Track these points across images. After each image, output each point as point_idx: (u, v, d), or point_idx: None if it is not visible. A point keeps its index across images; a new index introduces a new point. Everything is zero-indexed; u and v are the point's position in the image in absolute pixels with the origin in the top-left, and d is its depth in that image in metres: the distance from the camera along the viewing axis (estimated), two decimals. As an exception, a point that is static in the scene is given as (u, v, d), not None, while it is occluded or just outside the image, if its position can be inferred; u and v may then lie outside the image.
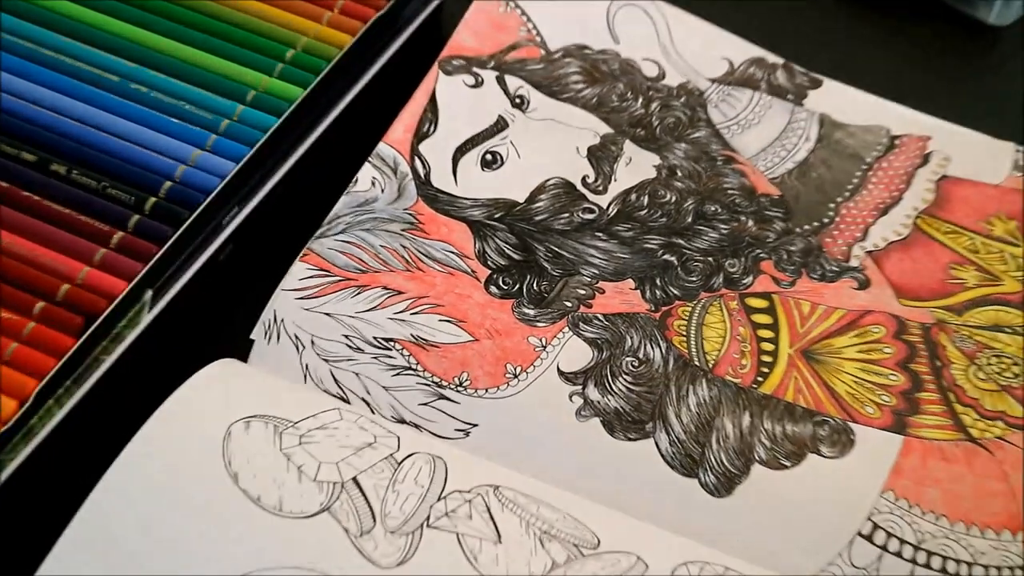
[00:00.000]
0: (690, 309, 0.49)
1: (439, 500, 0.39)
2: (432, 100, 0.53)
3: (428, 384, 0.46)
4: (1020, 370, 0.47)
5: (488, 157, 0.52)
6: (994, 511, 0.43)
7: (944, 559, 0.42)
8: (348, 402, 0.45)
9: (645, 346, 0.47)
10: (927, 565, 0.42)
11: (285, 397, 0.42)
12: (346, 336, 0.47)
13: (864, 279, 0.50)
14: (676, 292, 0.49)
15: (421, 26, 0.55)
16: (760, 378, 0.47)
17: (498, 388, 0.46)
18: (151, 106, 0.51)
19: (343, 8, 0.55)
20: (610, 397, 0.46)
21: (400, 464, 0.40)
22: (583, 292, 0.49)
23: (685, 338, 0.48)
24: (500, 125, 0.53)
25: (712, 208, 0.52)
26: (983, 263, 0.50)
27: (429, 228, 0.50)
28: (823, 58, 0.57)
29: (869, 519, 0.43)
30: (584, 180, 0.52)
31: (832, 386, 0.47)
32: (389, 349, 0.47)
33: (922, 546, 0.43)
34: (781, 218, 0.52)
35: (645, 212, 0.51)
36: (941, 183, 0.53)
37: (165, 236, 0.46)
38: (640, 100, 0.55)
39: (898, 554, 0.43)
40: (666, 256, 0.50)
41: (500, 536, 0.38)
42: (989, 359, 0.47)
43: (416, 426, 0.45)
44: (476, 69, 0.55)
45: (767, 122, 0.55)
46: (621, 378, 0.46)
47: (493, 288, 0.49)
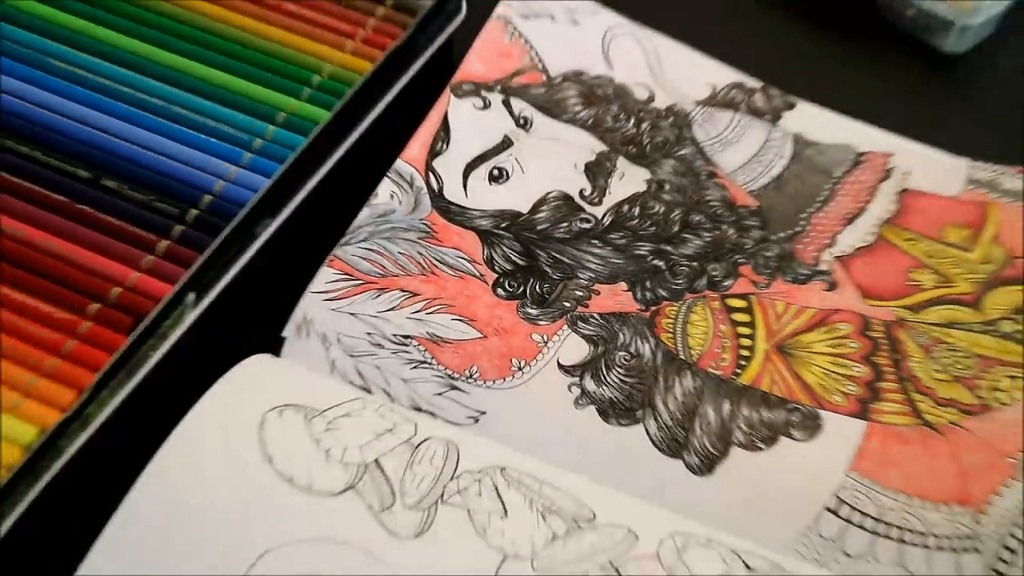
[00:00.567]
0: (676, 309, 0.49)
1: (452, 479, 0.40)
2: (445, 121, 0.54)
3: (442, 376, 0.46)
4: (970, 363, 0.48)
5: (495, 172, 0.53)
6: (946, 488, 0.44)
7: (902, 530, 0.43)
8: (370, 392, 0.46)
9: (636, 342, 0.48)
10: (887, 536, 0.43)
11: (314, 388, 0.43)
12: (368, 333, 0.47)
13: (832, 281, 0.50)
14: (664, 293, 0.50)
15: (434, 54, 0.55)
16: (739, 370, 0.47)
17: (504, 380, 0.47)
18: (192, 127, 0.51)
19: (364, 38, 0.55)
20: (605, 387, 0.47)
21: (417, 448, 0.41)
22: (580, 294, 0.49)
23: (672, 335, 0.48)
24: (506, 143, 0.54)
25: (696, 218, 0.52)
26: (939, 267, 0.51)
27: (442, 236, 0.50)
28: (797, 82, 0.57)
29: (835, 495, 0.44)
30: (581, 193, 0.52)
31: (803, 377, 0.47)
32: (407, 345, 0.47)
33: (882, 519, 0.43)
34: (758, 227, 0.52)
35: (636, 222, 0.52)
36: (902, 195, 0.53)
37: (205, 244, 0.47)
38: (632, 121, 0.55)
39: (861, 526, 0.43)
40: (655, 261, 0.51)
41: (506, 511, 0.39)
42: (943, 353, 0.48)
43: (431, 414, 0.45)
44: (484, 93, 0.55)
45: (746, 140, 0.55)
46: (614, 370, 0.47)
47: (500, 290, 0.49)
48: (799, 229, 0.52)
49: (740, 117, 0.56)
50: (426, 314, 0.48)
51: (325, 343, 0.47)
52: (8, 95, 0.52)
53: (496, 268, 0.50)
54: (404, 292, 0.48)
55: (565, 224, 0.51)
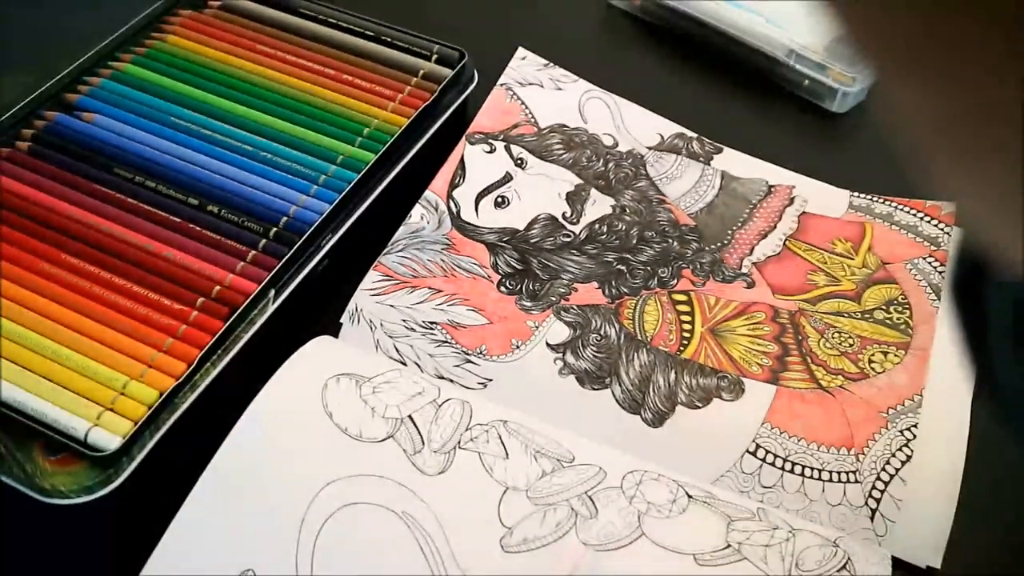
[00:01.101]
0: (635, 301, 0.49)
1: (467, 430, 0.39)
2: (461, 161, 0.54)
3: (459, 352, 0.46)
4: (853, 342, 0.47)
5: (499, 200, 0.52)
6: (836, 435, 0.44)
7: (803, 467, 0.43)
8: (405, 364, 0.45)
9: (605, 327, 0.48)
10: (791, 471, 0.43)
11: (363, 361, 0.43)
12: (403, 320, 0.47)
13: (751, 281, 0.50)
14: (625, 290, 0.49)
15: (454, 112, 0.55)
16: (682, 348, 0.47)
17: (506, 355, 0.46)
18: (273, 167, 0.51)
19: (402, 100, 0.55)
20: (581, 361, 0.46)
21: (440, 406, 0.40)
22: (563, 291, 0.49)
23: (632, 321, 0.48)
24: (507, 178, 0.53)
25: (649, 234, 0.52)
26: (829, 270, 0.50)
27: (459, 248, 0.50)
28: (724, 133, 0.57)
29: (754, 441, 0.44)
30: (563, 215, 0.52)
31: (730, 353, 0.47)
32: (432, 329, 0.47)
33: (789, 458, 0.43)
34: (696, 240, 0.52)
35: (605, 237, 0.51)
36: (801, 217, 0.53)
37: (282, 254, 0.46)
38: (601, 161, 0.55)
39: (772, 464, 0.43)
40: (619, 266, 0.50)
41: (507, 454, 0.39)
42: (833, 334, 0.48)
43: (451, 380, 0.45)
44: (491, 140, 0.55)
45: (686, 176, 0.55)
46: (589, 348, 0.47)
47: (502, 288, 0.49)
48: (726, 242, 0.52)
49: (681, 159, 0.56)
50: (447, 306, 0.48)
51: (372, 328, 0.47)
52: (139, 143, 0.52)
53: (500, 271, 0.50)
54: (431, 289, 0.48)
55: (551, 238, 0.51)
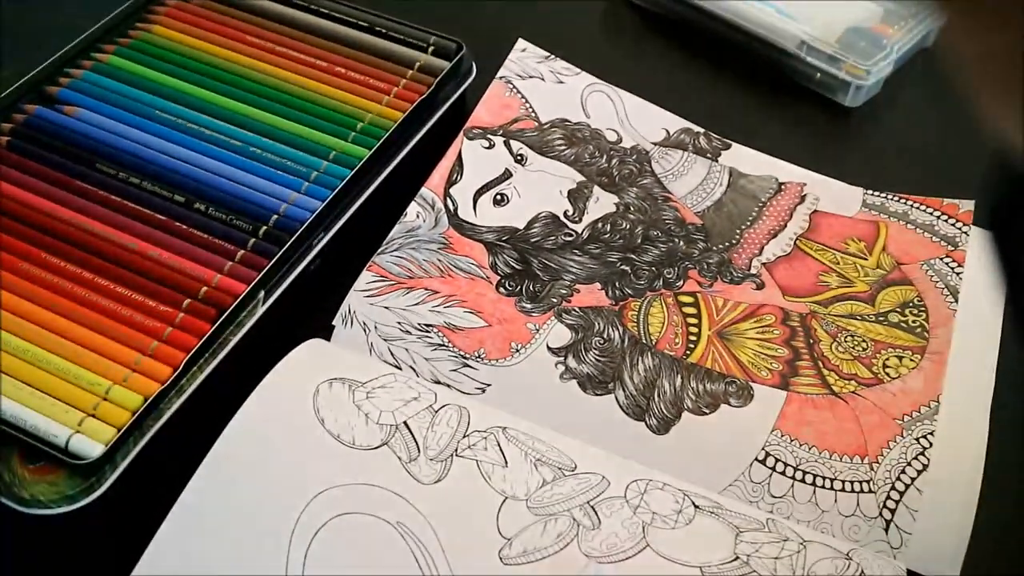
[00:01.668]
0: (639, 303, 0.48)
1: (464, 437, 0.39)
2: (459, 157, 0.53)
3: (456, 356, 0.45)
4: (867, 346, 0.47)
5: (498, 197, 0.52)
6: (848, 443, 0.43)
7: (815, 476, 0.42)
8: (400, 369, 0.45)
9: (608, 329, 0.47)
10: (802, 480, 0.42)
11: (356, 365, 0.42)
12: (399, 323, 0.46)
13: (760, 282, 0.49)
14: (629, 291, 0.49)
15: (451, 106, 0.54)
16: (688, 351, 0.46)
17: (505, 359, 0.46)
18: (263, 163, 0.50)
19: (397, 94, 0.54)
20: (584, 365, 0.46)
21: (437, 412, 0.40)
22: (565, 292, 0.48)
23: (636, 324, 0.47)
24: (506, 175, 0.53)
25: (655, 233, 0.51)
26: (842, 271, 0.50)
27: (457, 247, 0.50)
28: (732, 128, 0.56)
29: (763, 449, 0.43)
30: (565, 213, 0.51)
31: (738, 357, 0.46)
32: (429, 332, 0.46)
33: (799, 467, 0.42)
34: (702, 240, 0.51)
35: (608, 236, 0.51)
36: (813, 215, 0.52)
37: (273, 253, 0.46)
38: (604, 157, 0.54)
39: (783, 473, 0.42)
40: (623, 267, 0.50)
41: (507, 462, 0.38)
42: (846, 338, 0.47)
43: (448, 385, 0.44)
44: (490, 136, 0.54)
45: (693, 173, 0.54)
46: (591, 352, 0.46)
47: (501, 289, 0.48)
48: (734, 242, 0.51)
49: (688, 155, 0.55)
50: (444, 308, 0.47)
51: (365, 330, 0.46)
52: (124, 139, 0.51)
53: (499, 272, 0.49)
54: (427, 290, 0.48)
55: (552, 238, 0.51)
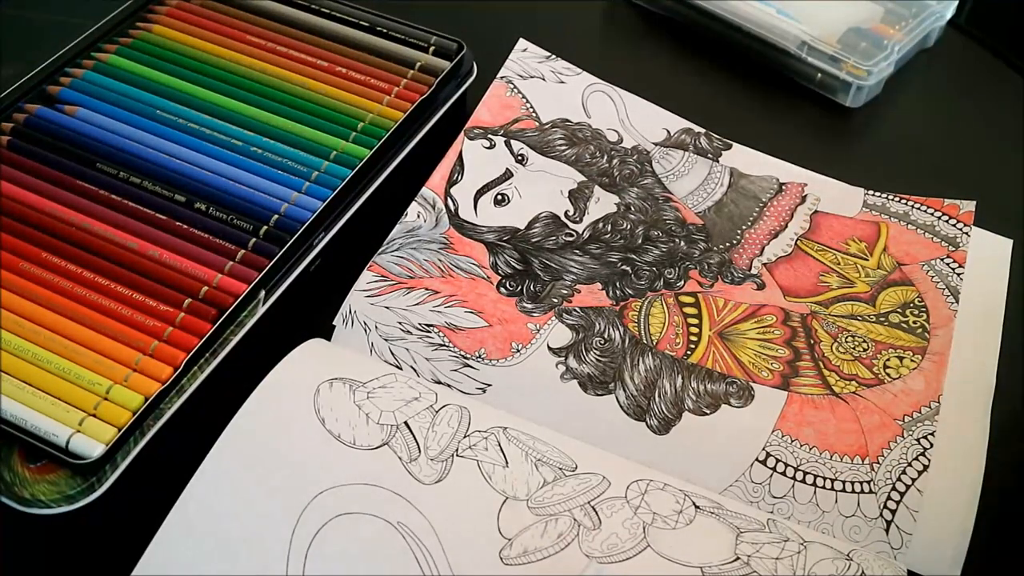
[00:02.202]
0: (640, 303, 0.48)
1: (464, 437, 0.39)
2: (460, 157, 0.53)
3: (457, 356, 0.46)
4: (867, 346, 0.47)
5: (499, 197, 0.52)
6: (849, 443, 0.43)
7: (815, 476, 0.42)
8: (401, 368, 0.45)
9: (608, 330, 0.47)
10: (803, 481, 0.42)
11: (357, 365, 0.42)
12: (399, 323, 0.47)
13: (761, 283, 0.50)
14: (630, 292, 0.49)
15: (452, 106, 0.54)
16: (689, 351, 0.47)
17: (506, 359, 0.46)
18: (264, 162, 0.51)
19: (398, 94, 0.54)
20: (584, 365, 0.46)
21: (437, 412, 0.40)
22: (565, 292, 0.49)
23: (636, 324, 0.47)
24: (507, 175, 0.53)
25: (655, 233, 0.51)
26: (842, 272, 0.50)
27: (457, 247, 0.50)
28: (733, 128, 0.56)
29: (764, 449, 0.43)
30: (566, 213, 0.52)
31: (739, 357, 0.46)
32: (429, 332, 0.46)
33: (800, 468, 0.43)
34: (703, 240, 0.51)
35: (608, 236, 0.51)
36: (813, 216, 0.53)
37: (273, 253, 0.46)
38: (605, 157, 0.54)
39: (783, 473, 0.43)
40: (623, 267, 0.50)
41: (507, 462, 0.38)
42: (846, 338, 0.47)
43: (448, 386, 0.45)
44: (490, 136, 0.55)
45: (694, 173, 0.54)
46: (592, 352, 0.46)
47: (502, 289, 0.48)
48: (735, 242, 0.51)
49: (689, 155, 0.55)
50: (445, 307, 0.47)
51: (366, 330, 0.46)
52: (123, 137, 0.52)
53: (499, 272, 0.49)
54: (427, 290, 0.48)
55: (553, 238, 0.51)
